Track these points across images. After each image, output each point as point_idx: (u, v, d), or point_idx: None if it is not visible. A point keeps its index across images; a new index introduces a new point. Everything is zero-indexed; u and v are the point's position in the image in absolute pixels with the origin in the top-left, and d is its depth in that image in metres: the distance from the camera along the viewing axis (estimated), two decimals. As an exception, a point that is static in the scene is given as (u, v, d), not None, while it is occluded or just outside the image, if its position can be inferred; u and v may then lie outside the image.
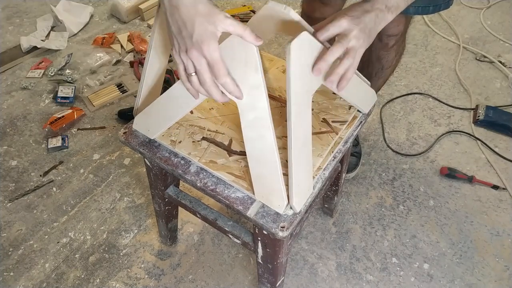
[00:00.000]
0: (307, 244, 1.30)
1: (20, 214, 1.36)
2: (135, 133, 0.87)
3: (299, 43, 0.61)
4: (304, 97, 0.67)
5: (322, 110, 0.91)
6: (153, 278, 1.22)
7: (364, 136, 1.61)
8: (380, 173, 1.49)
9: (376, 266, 1.25)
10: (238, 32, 0.59)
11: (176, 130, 0.86)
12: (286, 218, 0.73)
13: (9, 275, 1.22)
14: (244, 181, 0.78)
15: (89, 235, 1.31)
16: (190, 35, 0.59)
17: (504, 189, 1.43)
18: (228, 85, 0.62)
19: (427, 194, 1.43)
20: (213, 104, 0.92)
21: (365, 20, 0.68)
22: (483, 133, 1.62)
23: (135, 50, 1.97)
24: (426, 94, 1.78)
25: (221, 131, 0.87)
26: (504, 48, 2.00)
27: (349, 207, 1.39)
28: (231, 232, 0.95)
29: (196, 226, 1.33)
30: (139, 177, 1.46)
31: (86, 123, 1.65)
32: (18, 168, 1.49)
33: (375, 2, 0.70)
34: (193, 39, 0.59)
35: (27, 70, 1.85)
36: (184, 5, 0.59)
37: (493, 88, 1.81)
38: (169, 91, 0.76)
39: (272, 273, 0.95)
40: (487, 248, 1.29)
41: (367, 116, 0.93)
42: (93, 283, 1.21)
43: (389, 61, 1.22)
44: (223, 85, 0.62)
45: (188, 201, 1.01)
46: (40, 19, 2.11)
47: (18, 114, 1.67)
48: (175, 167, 0.82)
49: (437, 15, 2.19)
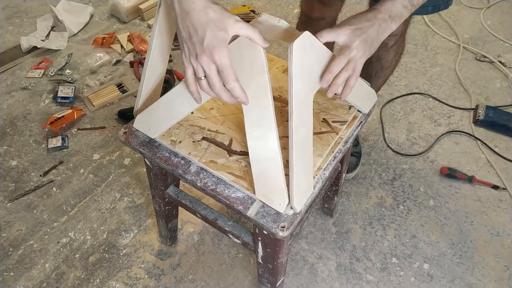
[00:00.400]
0: (307, 244, 1.30)
1: (20, 214, 1.36)
2: (135, 133, 0.87)
3: (301, 43, 0.62)
4: (306, 96, 0.68)
5: (322, 110, 0.91)
6: (153, 278, 1.22)
7: (364, 136, 1.61)
8: (380, 173, 1.49)
9: (376, 266, 1.25)
10: (248, 35, 0.60)
11: (176, 130, 0.86)
12: (286, 218, 0.73)
13: (9, 275, 1.22)
14: (245, 181, 0.78)
15: (89, 235, 1.31)
16: (201, 40, 0.60)
17: (504, 189, 1.43)
18: (236, 90, 0.63)
19: (427, 194, 1.43)
20: (213, 104, 0.92)
21: (368, 31, 0.69)
22: (483, 133, 1.62)
23: (135, 50, 1.97)
24: (426, 94, 1.78)
25: (221, 131, 0.87)
26: (504, 48, 2.01)
27: (349, 207, 1.39)
28: (231, 232, 0.95)
29: (196, 226, 1.33)
30: (139, 177, 1.46)
31: (86, 123, 1.65)
32: (18, 168, 1.49)
33: (378, 12, 0.71)
34: (204, 45, 0.60)
35: (27, 70, 1.85)
36: (195, 11, 0.60)
37: (493, 88, 1.81)
38: (172, 91, 0.77)
39: (272, 273, 0.95)
40: (487, 248, 1.29)
41: (367, 116, 0.93)
42: (93, 283, 1.21)
43: (389, 61, 1.22)
44: (230, 90, 0.64)
45: (188, 201, 1.01)
46: (40, 19, 2.11)
47: (18, 114, 1.67)
48: (175, 167, 0.82)
49: (437, 15, 2.19)
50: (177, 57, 1.95)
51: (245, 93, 0.65)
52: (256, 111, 0.67)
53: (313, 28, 1.28)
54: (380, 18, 0.70)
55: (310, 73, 0.67)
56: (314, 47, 0.66)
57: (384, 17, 0.71)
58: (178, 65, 1.91)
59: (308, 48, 0.64)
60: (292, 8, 2.26)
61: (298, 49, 0.61)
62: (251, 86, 0.65)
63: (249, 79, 0.64)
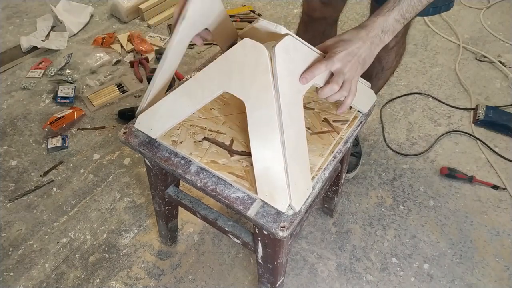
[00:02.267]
0: (307, 244, 1.30)
1: (20, 214, 1.36)
2: (135, 133, 0.87)
3: (283, 46, 0.64)
4: (294, 97, 0.69)
5: (323, 110, 0.92)
6: (153, 278, 1.22)
7: (364, 136, 1.61)
8: (380, 173, 1.49)
9: (376, 266, 1.25)
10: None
11: (177, 131, 0.86)
12: (286, 218, 0.73)
13: (9, 275, 1.22)
14: (246, 181, 0.78)
15: (89, 235, 1.31)
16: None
17: (504, 189, 1.43)
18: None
19: (427, 194, 1.43)
20: (214, 104, 0.92)
21: (359, 52, 0.72)
22: (483, 133, 1.62)
23: (135, 50, 1.96)
24: (426, 94, 1.78)
25: (222, 131, 0.87)
26: (504, 48, 2.01)
27: (349, 207, 1.39)
28: (231, 232, 0.95)
29: (196, 226, 1.33)
30: (139, 177, 1.46)
31: (86, 123, 1.65)
32: (18, 168, 1.48)
33: (371, 28, 0.74)
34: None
35: (27, 70, 1.85)
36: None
37: (493, 88, 1.81)
38: (174, 92, 0.77)
39: (272, 273, 0.95)
40: (487, 248, 1.29)
41: (367, 116, 0.93)
42: (93, 283, 1.21)
43: (389, 62, 1.22)
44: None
45: (188, 201, 1.01)
46: (40, 19, 2.11)
47: (18, 114, 1.67)
48: (175, 167, 0.82)
49: (437, 15, 2.19)
50: (177, 57, 1.95)
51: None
52: (260, 110, 0.67)
53: (314, 28, 1.28)
54: (372, 35, 0.73)
55: (296, 75, 0.68)
56: (298, 49, 0.68)
57: (377, 33, 0.74)
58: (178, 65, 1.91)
59: (292, 51, 0.66)
60: (292, 8, 2.26)
61: (281, 52, 0.64)
62: (255, 86, 0.66)
63: (252, 79, 0.65)
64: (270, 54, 0.63)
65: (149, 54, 1.95)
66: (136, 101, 1.74)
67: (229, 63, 0.67)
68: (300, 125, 0.72)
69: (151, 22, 2.13)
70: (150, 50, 1.97)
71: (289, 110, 0.68)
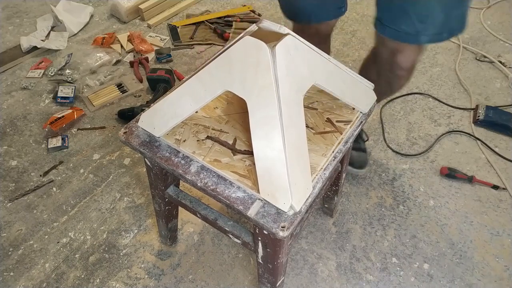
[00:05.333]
0: (307, 244, 1.30)
1: (20, 214, 1.36)
2: (135, 133, 0.87)
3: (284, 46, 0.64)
4: (295, 97, 0.68)
5: (326, 110, 0.92)
6: (153, 278, 1.22)
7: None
8: (380, 173, 1.49)
9: (376, 266, 1.25)
10: None
11: (181, 129, 0.86)
12: (286, 218, 0.73)
13: (9, 275, 1.22)
14: (249, 180, 0.78)
15: (89, 235, 1.31)
16: None
17: (504, 189, 1.43)
18: None
19: (427, 194, 1.43)
20: (218, 103, 0.92)
21: None
22: (483, 133, 1.62)
23: (135, 50, 1.97)
24: (426, 94, 1.78)
25: (226, 130, 0.87)
26: (504, 48, 2.01)
27: (349, 207, 1.39)
28: (231, 232, 0.95)
29: (196, 226, 1.33)
30: (139, 177, 1.46)
31: (86, 123, 1.65)
32: (18, 168, 1.48)
33: None
34: None
35: (27, 70, 1.85)
36: None
37: (493, 88, 1.81)
38: (177, 90, 0.77)
39: (272, 273, 0.95)
40: (487, 248, 1.29)
41: (367, 116, 0.93)
42: (93, 283, 1.21)
43: (399, 85, 1.20)
44: None
45: (188, 201, 1.01)
46: (40, 19, 2.11)
47: (18, 114, 1.67)
48: (176, 167, 0.82)
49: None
50: (177, 57, 1.95)
51: None
52: (261, 110, 0.67)
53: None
54: None
55: (296, 75, 0.68)
56: (299, 49, 0.68)
57: None
58: (178, 65, 1.91)
59: (293, 50, 0.66)
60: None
61: (282, 52, 0.63)
62: (257, 85, 0.65)
63: (254, 76, 0.65)
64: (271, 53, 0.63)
65: (149, 54, 1.95)
66: (136, 101, 1.74)
67: (231, 61, 0.67)
68: (301, 125, 0.72)
69: (151, 22, 2.13)
70: (150, 50, 1.97)
71: (290, 109, 0.68)
